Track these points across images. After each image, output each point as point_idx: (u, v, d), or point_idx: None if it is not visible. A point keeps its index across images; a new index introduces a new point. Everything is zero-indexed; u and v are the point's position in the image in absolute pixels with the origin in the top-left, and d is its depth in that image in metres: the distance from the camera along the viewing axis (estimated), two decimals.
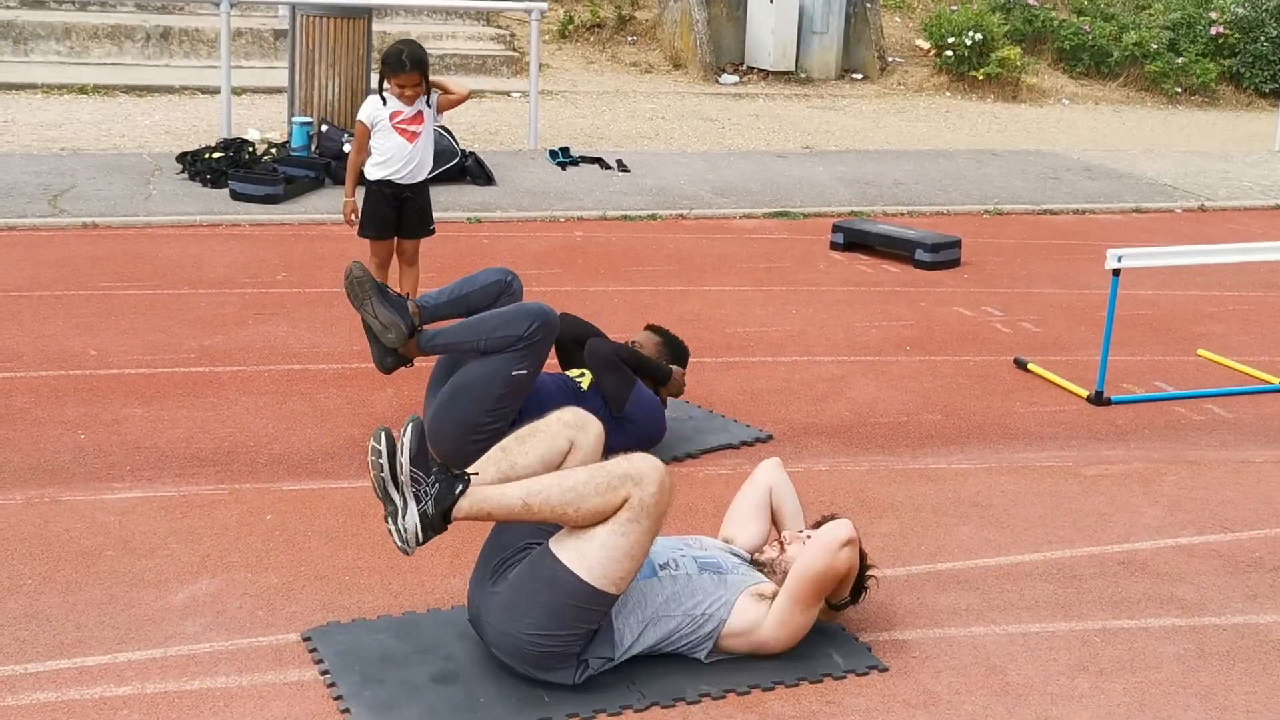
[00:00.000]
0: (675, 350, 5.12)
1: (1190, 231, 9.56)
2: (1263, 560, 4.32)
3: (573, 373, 4.96)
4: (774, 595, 3.50)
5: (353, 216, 6.16)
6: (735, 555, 3.66)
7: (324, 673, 3.39)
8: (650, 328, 5.20)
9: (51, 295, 6.49)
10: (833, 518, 3.61)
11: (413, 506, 3.23)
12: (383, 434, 3.24)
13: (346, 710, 3.23)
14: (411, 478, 3.23)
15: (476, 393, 4.50)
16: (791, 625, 3.45)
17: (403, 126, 5.93)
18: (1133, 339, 6.78)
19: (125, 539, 4.07)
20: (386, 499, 3.25)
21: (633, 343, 5.06)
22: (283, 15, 12.16)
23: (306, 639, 3.54)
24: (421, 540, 3.25)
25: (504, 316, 4.55)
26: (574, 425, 3.54)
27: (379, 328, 4.63)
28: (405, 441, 3.24)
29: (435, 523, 3.24)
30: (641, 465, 3.28)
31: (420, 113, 5.98)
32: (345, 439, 4.95)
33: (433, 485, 3.24)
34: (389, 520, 3.26)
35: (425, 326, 4.72)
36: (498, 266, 4.94)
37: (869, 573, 3.66)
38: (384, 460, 3.22)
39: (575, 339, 5.04)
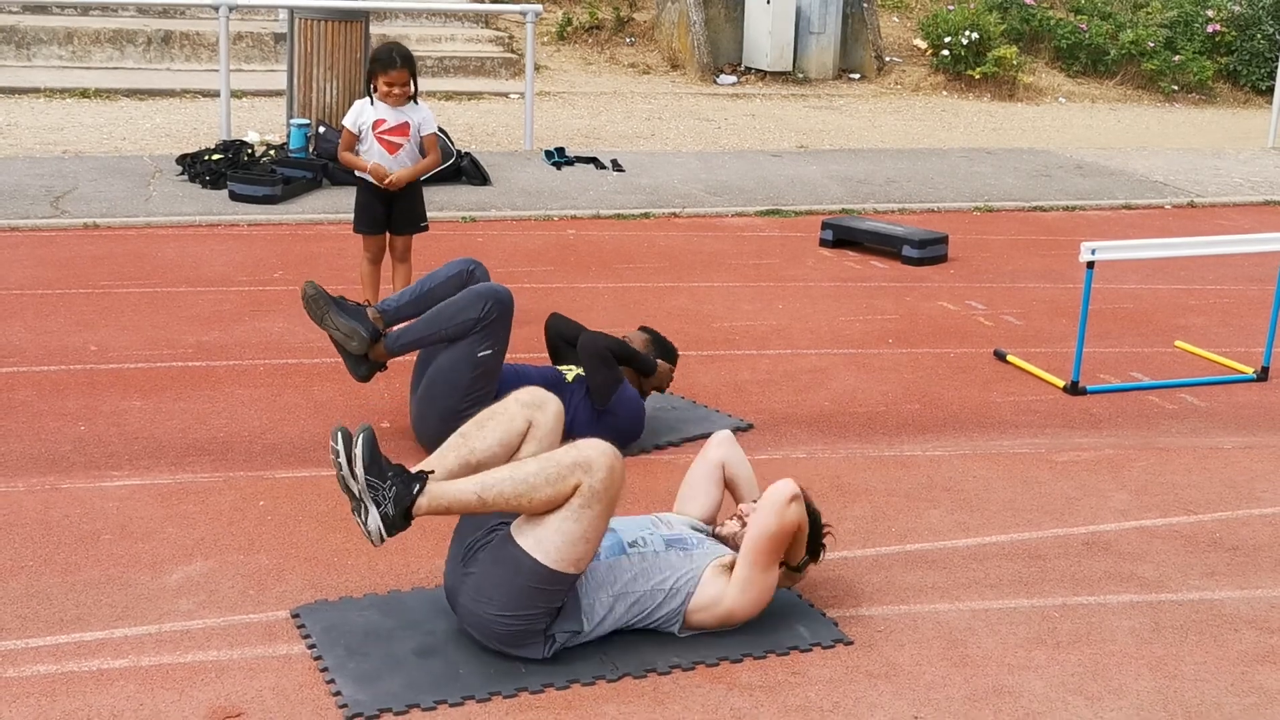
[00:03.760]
0: (664, 349, 5.25)
1: (1178, 227, 9.68)
2: (1222, 540, 4.46)
3: (562, 367, 5.10)
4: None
5: (381, 171, 6.08)
6: (699, 530, 3.81)
7: (311, 647, 3.54)
8: (643, 329, 5.34)
9: (53, 294, 6.65)
10: None
11: (373, 510, 3.37)
12: (339, 434, 3.39)
13: (331, 681, 3.38)
14: (368, 484, 3.36)
15: (449, 381, 4.66)
16: (753, 589, 3.59)
17: (385, 137, 6.06)
18: (1113, 331, 6.92)
19: (123, 524, 4.22)
20: (349, 493, 3.40)
21: (624, 338, 5.20)
22: (283, 19, 12.34)
23: (295, 616, 3.70)
24: (388, 536, 3.40)
25: (459, 304, 4.70)
26: (531, 405, 3.66)
27: (341, 338, 4.78)
28: (357, 453, 3.36)
29: (397, 521, 3.39)
30: (589, 452, 3.40)
31: (405, 123, 6.09)
32: None
33: (390, 489, 3.37)
34: (355, 514, 3.42)
35: (391, 328, 4.86)
36: (460, 258, 5.08)
37: (825, 530, 3.81)
38: (342, 460, 3.37)
39: (566, 338, 5.18)
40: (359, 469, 3.35)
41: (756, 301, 7.15)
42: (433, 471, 3.47)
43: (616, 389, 4.86)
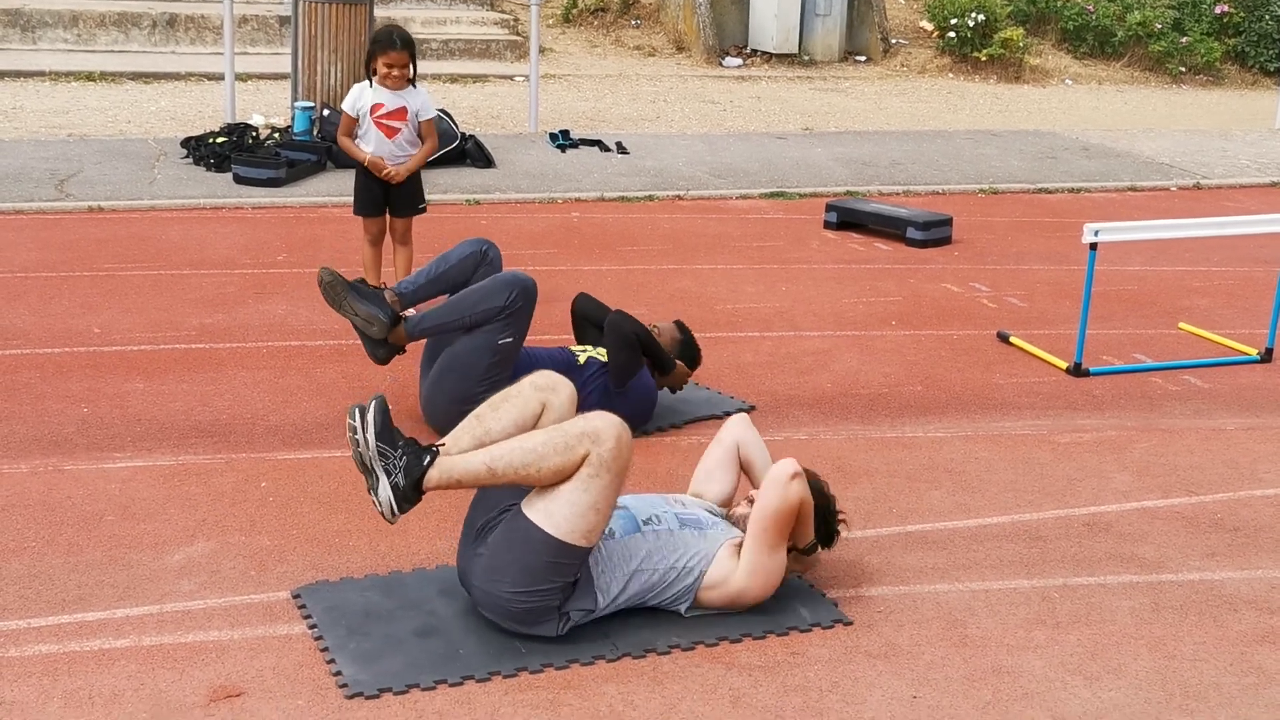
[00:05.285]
0: (689, 352, 5.20)
1: (1184, 209, 9.66)
2: (1223, 521, 4.46)
3: (577, 348, 5.08)
4: None
5: (380, 163, 6.10)
6: (712, 513, 3.81)
7: (312, 627, 3.55)
8: (678, 324, 5.29)
9: (58, 276, 6.66)
10: None
11: (384, 480, 3.41)
12: (357, 411, 3.44)
13: (332, 661, 3.39)
14: (379, 452, 3.41)
15: (467, 365, 4.65)
16: (761, 571, 3.59)
17: (383, 121, 6.04)
18: (1116, 313, 6.91)
19: (125, 505, 4.23)
20: (369, 472, 3.44)
21: (654, 327, 5.18)
22: (288, 2, 12.32)
23: (296, 596, 3.71)
24: (398, 510, 3.44)
25: (484, 290, 4.69)
26: (545, 388, 3.67)
27: (361, 323, 4.77)
28: (369, 419, 3.42)
29: (408, 493, 3.42)
30: (598, 423, 3.44)
31: (403, 108, 6.06)
32: (340, 411, 5.11)
33: (400, 458, 3.42)
34: (370, 491, 3.46)
35: (409, 311, 4.86)
36: (473, 238, 5.07)
37: (840, 517, 3.83)
38: (356, 425, 3.42)
39: (592, 321, 5.16)
40: (370, 435, 3.40)
41: (760, 284, 7.15)
42: (444, 444, 3.50)
43: (636, 372, 4.86)
